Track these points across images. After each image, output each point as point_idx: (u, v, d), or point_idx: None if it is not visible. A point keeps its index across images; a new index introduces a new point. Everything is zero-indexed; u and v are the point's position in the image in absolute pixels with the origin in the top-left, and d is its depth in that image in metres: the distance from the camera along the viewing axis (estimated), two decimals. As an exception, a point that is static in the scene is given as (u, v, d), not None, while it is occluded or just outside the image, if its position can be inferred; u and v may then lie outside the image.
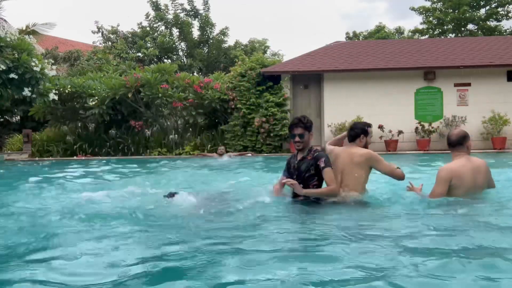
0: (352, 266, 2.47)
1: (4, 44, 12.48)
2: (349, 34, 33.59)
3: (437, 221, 3.61)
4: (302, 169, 4.44)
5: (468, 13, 27.52)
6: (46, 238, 3.34)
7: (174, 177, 8.26)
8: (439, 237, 3.12)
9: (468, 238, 3.04)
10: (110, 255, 2.88)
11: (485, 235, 3.17)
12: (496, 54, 15.49)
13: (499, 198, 4.31)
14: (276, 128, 14.37)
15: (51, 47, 24.22)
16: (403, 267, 2.42)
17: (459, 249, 2.75)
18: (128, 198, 5.21)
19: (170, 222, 3.93)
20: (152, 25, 25.58)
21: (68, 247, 3.05)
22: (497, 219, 3.61)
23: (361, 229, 3.46)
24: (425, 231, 3.31)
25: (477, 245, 2.87)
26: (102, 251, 2.96)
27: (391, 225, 3.68)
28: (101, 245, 3.14)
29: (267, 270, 2.40)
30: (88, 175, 8.77)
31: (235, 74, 15.45)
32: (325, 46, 18.32)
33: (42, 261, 2.76)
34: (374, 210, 4.28)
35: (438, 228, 3.37)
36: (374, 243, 2.98)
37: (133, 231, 3.56)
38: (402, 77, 15.07)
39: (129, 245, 3.16)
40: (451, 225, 3.47)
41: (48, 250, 3.01)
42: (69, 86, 15.25)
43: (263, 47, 26.61)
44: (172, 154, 14.69)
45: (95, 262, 2.71)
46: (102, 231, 3.55)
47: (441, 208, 4.01)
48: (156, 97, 15.17)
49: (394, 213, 4.11)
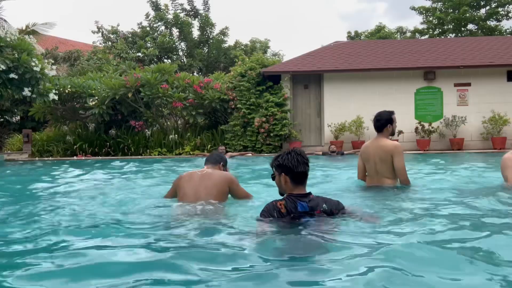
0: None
1: (4, 44, 12.47)
2: (351, 34, 33.62)
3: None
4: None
5: (468, 13, 27.52)
6: (46, 238, 3.34)
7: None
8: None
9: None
10: (110, 256, 2.88)
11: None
12: (496, 54, 15.49)
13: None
14: (276, 128, 14.37)
15: (51, 47, 24.23)
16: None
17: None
18: (128, 198, 5.20)
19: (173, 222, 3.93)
20: (152, 25, 25.57)
21: (69, 247, 3.05)
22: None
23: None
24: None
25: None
26: (102, 251, 2.95)
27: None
28: (100, 245, 3.14)
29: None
30: (88, 175, 8.77)
31: (235, 74, 15.45)
32: (325, 46, 18.34)
33: (41, 261, 2.76)
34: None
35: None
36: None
37: (133, 231, 3.56)
38: (402, 77, 15.07)
39: (130, 245, 3.16)
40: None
41: (47, 250, 3.01)
42: (69, 86, 15.24)
43: (264, 48, 26.60)
44: (172, 154, 14.69)
45: (95, 262, 2.71)
46: (102, 231, 3.55)
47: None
48: (156, 97, 15.17)
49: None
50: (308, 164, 3.21)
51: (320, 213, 3.11)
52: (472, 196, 4.40)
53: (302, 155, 3.19)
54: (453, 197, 4.50)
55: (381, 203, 4.17)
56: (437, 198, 4.40)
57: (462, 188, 5.25)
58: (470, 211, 3.78)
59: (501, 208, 3.77)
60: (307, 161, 3.21)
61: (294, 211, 3.07)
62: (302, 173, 3.16)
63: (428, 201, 4.27)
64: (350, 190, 5.23)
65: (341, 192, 4.98)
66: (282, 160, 3.19)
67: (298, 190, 3.16)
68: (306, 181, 3.21)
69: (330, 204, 3.21)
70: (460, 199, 4.32)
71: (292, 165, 3.15)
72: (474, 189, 5.25)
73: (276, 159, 3.24)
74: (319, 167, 8.60)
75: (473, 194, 4.62)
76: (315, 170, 8.11)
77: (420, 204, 4.11)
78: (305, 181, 3.20)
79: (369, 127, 14.38)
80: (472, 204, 4.01)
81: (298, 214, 3.08)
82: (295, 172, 3.13)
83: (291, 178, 3.15)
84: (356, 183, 5.45)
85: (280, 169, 3.20)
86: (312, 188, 3.53)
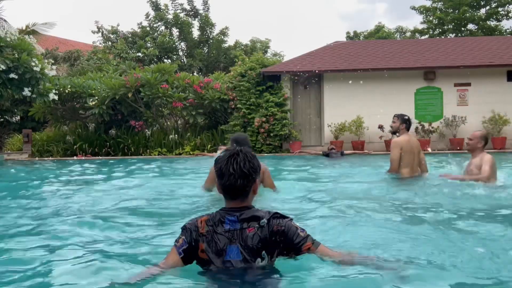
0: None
1: (4, 44, 12.47)
2: (350, 34, 33.60)
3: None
4: None
5: (468, 13, 27.51)
6: (45, 239, 3.34)
7: (177, 177, 8.26)
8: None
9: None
10: (110, 257, 2.88)
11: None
12: (496, 54, 15.49)
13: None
14: (276, 128, 14.37)
15: (51, 47, 24.22)
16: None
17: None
18: (129, 197, 5.20)
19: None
20: (152, 25, 25.56)
21: (67, 248, 3.05)
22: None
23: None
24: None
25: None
26: (102, 252, 2.95)
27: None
28: (101, 246, 3.14)
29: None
30: (87, 176, 8.77)
31: (235, 74, 15.45)
32: (325, 46, 18.32)
33: (40, 260, 2.76)
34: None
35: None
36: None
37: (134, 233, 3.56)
38: (402, 77, 15.06)
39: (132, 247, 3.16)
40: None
41: (47, 250, 3.01)
42: (69, 86, 15.23)
43: (264, 48, 26.57)
44: (172, 154, 14.69)
45: (93, 263, 2.71)
46: (102, 231, 3.55)
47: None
48: (156, 97, 15.17)
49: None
50: (242, 175, 2.21)
51: (254, 231, 2.17)
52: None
53: (240, 162, 2.22)
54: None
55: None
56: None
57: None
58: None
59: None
60: (243, 172, 2.21)
61: (218, 229, 2.19)
62: (225, 186, 2.24)
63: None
64: (391, 182, 5.83)
65: (385, 185, 5.58)
66: (216, 162, 2.32)
67: (233, 205, 2.28)
68: (241, 198, 2.26)
69: (279, 223, 2.22)
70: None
71: (220, 172, 2.25)
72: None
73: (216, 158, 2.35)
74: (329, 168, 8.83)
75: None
76: (328, 168, 8.34)
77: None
78: (238, 198, 2.26)
79: (369, 127, 14.40)
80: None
81: (222, 233, 2.18)
82: (220, 183, 2.26)
83: (221, 188, 2.29)
84: (390, 176, 6.03)
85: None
86: (342, 186, 3.86)
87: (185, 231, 2.24)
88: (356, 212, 3.96)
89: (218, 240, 2.18)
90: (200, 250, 2.19)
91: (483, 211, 4.02)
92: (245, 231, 2.18)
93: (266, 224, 2.19)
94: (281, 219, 2.23)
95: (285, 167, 9.49)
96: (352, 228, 3.41)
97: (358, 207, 4.15)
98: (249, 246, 2.15)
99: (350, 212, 3.97)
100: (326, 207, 4.26)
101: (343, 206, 4.15)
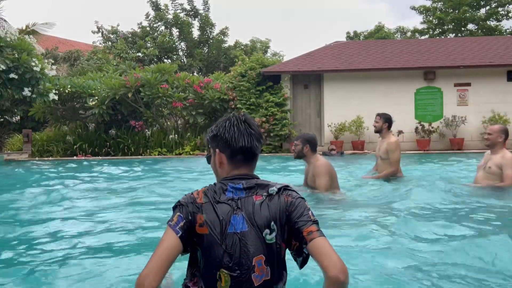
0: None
1: (4, 44, 12.46)
2: (350, 34, 33.59)
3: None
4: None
5: (468, 13, 27.52)
6: (45, 239, 3.34)
7: (179, 178, 8.26)
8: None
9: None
10: (109, 259, 2.88)
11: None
12: (496, 54, 15.49)
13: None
14: (276, 128, 14.37)
15: (51, 47, 24.21)
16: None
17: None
18: (130, 197, 5.20)
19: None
20: (152, 25, 25.56)
21: (67, 248, 3.05)
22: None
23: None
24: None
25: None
26: (100, 252, 2.95)
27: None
28: (100, 246, 3.14)
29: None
30: (87, 176, 8.77)
31: (235, 74, 15.45)
32: (325, 46, 18.33)
33: (40, 260, 2.76)
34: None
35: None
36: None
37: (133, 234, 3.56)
38: (402, 77, 15.06)
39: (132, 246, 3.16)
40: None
41: (47, 250, 3.01)
42: (69, 86, 15.23)
43: (264, 48, 26.57)
44: (172, 154, 14.68)
45: (93, 263, 2.71)
46: (102, 231, 3.54)
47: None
48: (156, 97, 15.17)
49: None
50: (258, 138, 2.00)
51: (261, 198, 1.89)
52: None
53: (248, 122, 1.99)
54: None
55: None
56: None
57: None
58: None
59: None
60: (256, 132, 1.99)
61: (220, 198, 1.89)
62: (245, 149, 1.97)
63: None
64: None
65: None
66: (217, 130, 2.01)
67: (241, 171, 1.98)
68: (253, 164, 2.02)
69: (290, 193, 1.94)
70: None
71: (231, 136, 1.96)
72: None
73: (211, 128, 2.06)
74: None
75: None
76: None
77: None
78: (251, 163, 2.01)
79: (369, 127, 14.39)
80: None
81: (225, 201, 1.88)
82: (234, 147, 1.96)
83: (228, 157, 1.98)
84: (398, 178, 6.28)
85: (214, 143, 2.02)
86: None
87: (180, 207, 1.88)
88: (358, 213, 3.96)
89: (220, 210, 1.86)
90: (199, 225, 1.83)
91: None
92: (251, 198, 1.89)
93: (276, 193, 1.90)
94: (293, 192, 1.95)
95: (289, 166, 9.47)
96: (352, 229, 3.41)
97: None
98: (256, 215, 1.86)
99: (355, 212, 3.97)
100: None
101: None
